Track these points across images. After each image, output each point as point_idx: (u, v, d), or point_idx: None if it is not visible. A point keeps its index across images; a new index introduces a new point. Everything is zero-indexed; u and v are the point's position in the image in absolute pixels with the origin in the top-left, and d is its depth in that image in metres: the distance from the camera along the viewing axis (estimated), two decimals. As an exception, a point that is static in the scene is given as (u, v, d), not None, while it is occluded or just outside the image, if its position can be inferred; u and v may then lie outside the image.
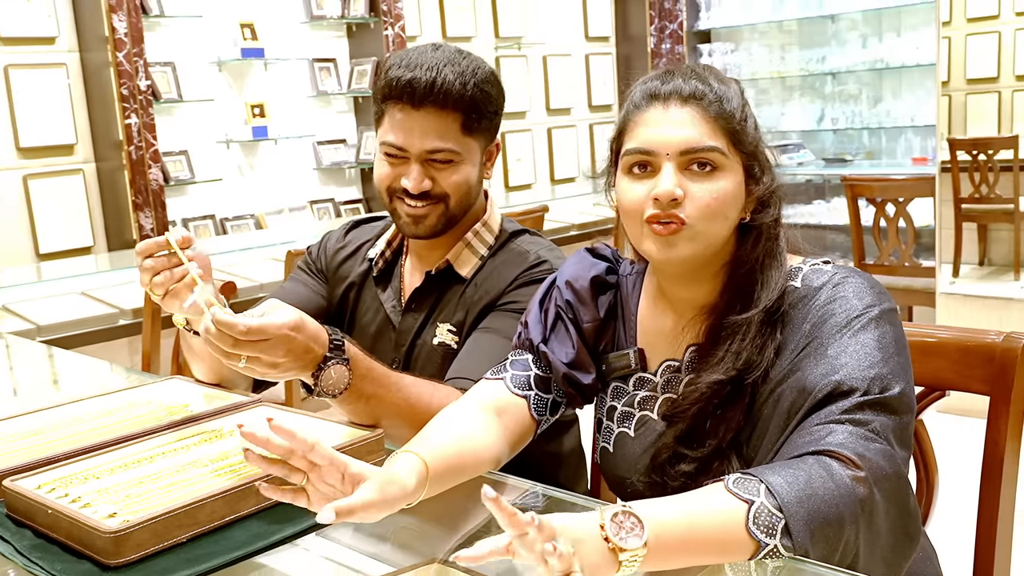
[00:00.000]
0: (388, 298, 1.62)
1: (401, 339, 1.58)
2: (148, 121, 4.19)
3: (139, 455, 1.22)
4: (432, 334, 1.55)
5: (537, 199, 5.69)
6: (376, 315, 1.62)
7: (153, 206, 4.23)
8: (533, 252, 1.55)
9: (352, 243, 1.70)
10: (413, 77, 1.43)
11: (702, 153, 1.11)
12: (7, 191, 4.04)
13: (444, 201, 1.49)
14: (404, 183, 1.47)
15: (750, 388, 1.13)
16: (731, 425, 1.13)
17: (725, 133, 1.12)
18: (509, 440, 1.24)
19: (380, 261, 1.64)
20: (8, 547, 1.05)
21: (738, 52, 5.88)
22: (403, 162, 1.48)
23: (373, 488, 0.95)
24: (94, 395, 1.51)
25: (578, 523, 0.89)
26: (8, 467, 1.19)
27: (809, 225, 5.32)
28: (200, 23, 4.54)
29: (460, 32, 5.61)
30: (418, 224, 1.50)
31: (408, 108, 1.45)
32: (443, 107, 1.44)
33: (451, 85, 1.43)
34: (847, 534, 0.95)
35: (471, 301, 1.53)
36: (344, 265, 1.68)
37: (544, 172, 6.24)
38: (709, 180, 1.12)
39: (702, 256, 1.15)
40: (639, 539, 0.88)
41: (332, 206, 5.15)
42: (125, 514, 1.03)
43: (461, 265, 1.56)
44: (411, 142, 1.46)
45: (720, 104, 1.13)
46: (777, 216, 1.18)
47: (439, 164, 1.47)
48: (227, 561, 1.00)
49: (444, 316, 1.55)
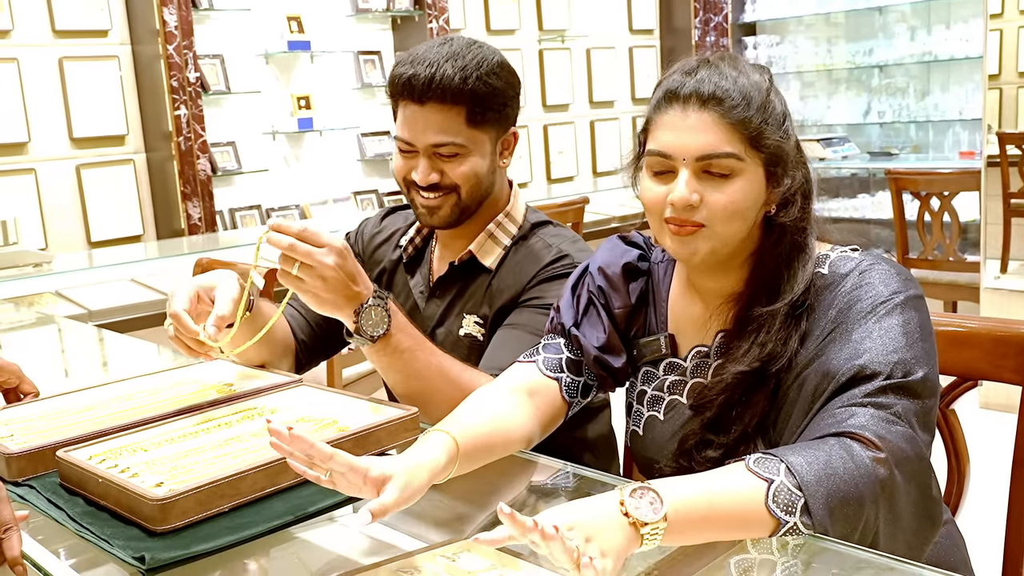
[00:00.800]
0: (417, 284, 1.67)
1: (424, 325, 1.61)
2: (197, 112, 4.28)
3: (184, 430, 1.27)
4: (458, 324, 1.59)
5: (579, 191, 5.70)
6: (406, 300, 1.67)
7: (201, 196, 4.32)
8: (555, 246, 1.57)
9: (387, 229, 1.76)
10: (413, 74, 1.47)
11: (718, 159, 1.12)
12: (61, 180, 4.15)
13: (455, 191, 1.53)
14: (413, 175, 1.52)
15: (775, 376, 1.14)
16: (756, 412, 1.15)
17: (743, 137, 1.12)
18: (540, 421, 1.27)
19: (410, 247, 1.69)
20: (61, 514, 1.10)
21: (783, 45, 5.83)
22: (413, 155, 1.53)
23: (398, 487, 0.98)
24: (142, 374, 1.57)
25: (598, 502, 0.92)
26: (62, 439, 1.24)
27: (853, 219, 5.27)
28: (248, 16, 4.62)
29: (504, 25, 5.64)
30: (432, 215, 1.55)
31: (412, 104, 1.49)
32: (444, 101, 1.47)
33: (450, 80, 1.46)
34: (867, 514, 0.97)
35: (494, 294, 1.56)
36: (379, 251, 1.74)
37: (587, 165, 6.25)
38: (726, 184, 1.13)
39: (721, 252, 1.17)
40: (659, 512, 0.91)
41: (375, 197, 5.21)
42: (171, 484, 1.08)
43: (484, 256, 1.59)
44: (417, 137, 1.50)
45: (740, 108, 1.12)
46: (806, 209, 1.18)
47: (445, 157, 1.51)
48: (267, 530, 1.04)
49: (470, 307, 1.59)
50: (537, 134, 5.93)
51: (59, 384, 1.68)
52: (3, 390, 1.45)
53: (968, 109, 5.07)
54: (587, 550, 0.86)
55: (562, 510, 0.91)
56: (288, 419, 1.30)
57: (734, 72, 1.15)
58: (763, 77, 1.17)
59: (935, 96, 5.31)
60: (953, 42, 5.10)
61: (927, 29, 5.28)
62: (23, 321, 2.58)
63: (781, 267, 1.17)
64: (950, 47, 5.11)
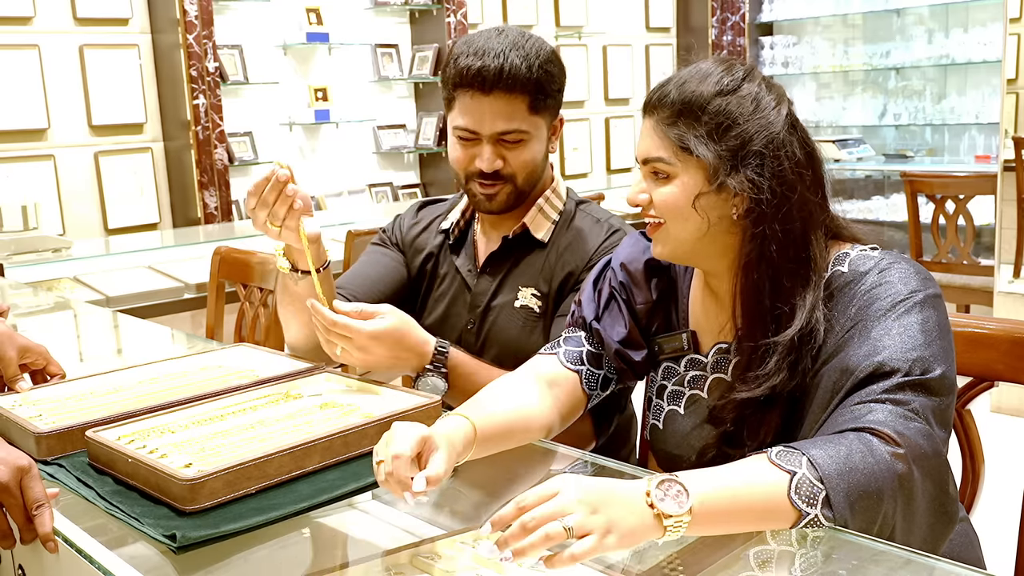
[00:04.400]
0: (464, 263, 1.72)
1: (476, 300, 1.68)
2: (215, 102, 4.30)
3: (211, 413, 1.29)
4: (513, 296, 1.65)
5: (593, 188, 5.71)
6: (453, 280, 1.73)
7: (217, 185, 4.34)
8: (603, 220, 1.66)
9: (424, 219, 1.81)
10: (483, 65, 1.50)
11: (652, 163, 1.21)
12: (79, 167, 4.18)
13: (512, 181, 1.59)
14: (478, 164, 1.57)
15: (789, 392, 1.15)
16: (771, 427, 1.17)
17: (673, 143, 1.18)
18: (560, 411, 1.29)
19: (455, 229, 1.74)
20: (91, 492, 1.12)
21: (800, 45, 5.83)
22: (475, 144, 1.57)
23: (445, 456, 1.03)
24: (168, 359, 1.59)
25: (625, 488, 0.93)
26: (90, 420, 1.26)
27: (867, 220, 5.27)
28: (267, 7, 4.64)
29: (521, 20, 5.65)
30: (491, 201, 1.61)
31: (479, 94, 1.52)
32: (511, 91, 1.51)
33: (518, 69, 1.50)
34: (885, 508, 0.98)
35: (553, 270, 1.63)
36: (419, 238, 1.78)
37: (600, 161, 6.26)
38: (661, 185, 1.20)
39: (690, 251, 1.22)
40: (684, 505, 0.92)
41: (390, 190, 5.23)
42: (200, 465, 1.10)
43: (536, 229, 1.65)
44: (483, 125, 1.54)
45: (674, 115, 1.17)
46: (788, 217, 1.15)
47: (509, 144, 1.56)
48: (293, 511, 1.06)
49: (526, 280, 1.64)
50: (552, 130, 5.94)
51: (79, 367, 1.71)
52: (31, 371, 1.47)
53: (985, 113, 5.06)
54: (591, 523, 0.88)
55: (584, 479, 0.92)
56: (310, 404, 1.32)
57: (689, 81, 1.19)
58: (738, 85, 1.17)
59: (952, 99, 5.29)
60: (971, 45, 5.08)
61: (945, 32, 5.27)
62: (41, 305, 2.60)
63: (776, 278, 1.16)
64: (968, 50, 5.09)
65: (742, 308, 1.19)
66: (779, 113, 1.17)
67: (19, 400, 1.37)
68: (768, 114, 1.16)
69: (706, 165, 1.16)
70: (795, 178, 1.16)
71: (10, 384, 1.42)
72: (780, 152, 1.15)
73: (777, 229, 1.15)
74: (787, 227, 1.15)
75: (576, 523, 0.88)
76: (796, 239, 1.16)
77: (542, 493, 0.90)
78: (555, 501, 0.89)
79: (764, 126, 1.15)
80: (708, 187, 1.16)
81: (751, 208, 1.16)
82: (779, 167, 1.15)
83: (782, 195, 1.15)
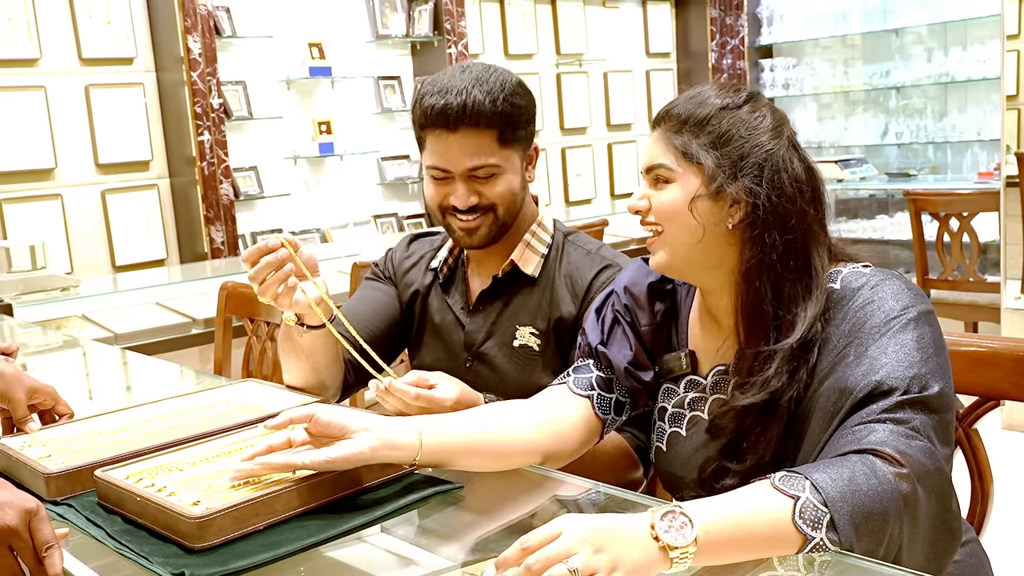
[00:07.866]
0: (455, 302, 1.72)
1: (470, 339, 1.68)
2: (220, 138, 4.34)
3: (218, 450, 1.30)
4: (510, 336, 1.64)
5: (597, 214, 5.73)
6: (445, 317, 1.72)
7: (224, 220, 4.37)
8: (594, 252, 1.65)
9: (415, 254, 1.81)
10: (446, 103, 1.52)
11: (655, 170, 1.24)
12: (86, 205, 4.21)
13: (493, 211, 1.59)
14: (452, 200, 1.57)
15: (786, 404, 1.16)
16: (771, 439, 1.17)
17: (676, 149, 1.22)
18: (566, 437, 1.31)
19: (444, 268, 1.74)
20: (100, 531, 1.13)
21: (800, 67, 5.86)
22: (449, 182, 1.58)
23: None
24: (174, 396, 1.60)
25: (629, 523, 0.93)
26: (99, 459, 1.27)
27: (872, 240, 5.27)
28: (270, 43, 4.69)
29: (522, 49, 5.69)
30: (472, 235, 1.60)
31: (445, 132, 1.54)
32: (477, 126, 1.53)
33: (481, 105, 1.51)
34: (891, 529, 0.98)
35: (550, 307, 1.62)
36: (409, 273, 1.79)
37: (604, 187, 6.28)
38: (661, 190, 1.23)
39: (686, 258, 1.22)
40: (689, 537, 0.92)
41: (395, 220, 5.25)
42: (208, 502, 1.10)
43: (525, 264, 1.65)
44: (452, 163, 1.55)
45: (680, 124, 1.22)
46: (787, 229, 1.17)
47: (482, 179, 1.57)
48: (301, 547, 1.07)
49: (523, 319, 1.64)
50: (555, 157, 5.98)
51: (88, 406, 1.72)
52: (39, 411, 1.48)
53: (986, 130, 5.08)
54: (595, 562, 0.88)
55: (587, 517, 0.93)
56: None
57: (696, 97, 1.24)
58: (738, 102, 1.23)
59: (953, 117, 5.32)
60: (970, 63, 5.11)
61: (944, 50, 5.29)
62: (50, 344, 2.62)
63: (778, 286, 1.18)
64: (967, 68, 5.12)
65: (743, 316, 1.21)
66: (780, 134, 1.21)
67: (28, 441, 1.38)
68: (769, 132, 1.21)
69: (705, 171, 1.19)
70: (794, 192, 1.19)
71: (19, 425, 1.43)
72: (779, 167, 1.19)
73: (777, 239, 1.17)
74: (787, 238, 1.17)
75: (581, 564, 0.87)
76: (796, 250, 1.18)
77: (545, 534, 0.90)
78: (559, 542, 0.89)
79: (764, 142, 1.20)
80: (705, 191, 1.19)
81: (748, 218, 1.18)
82: (778, 180, 1.18)
83: (780, 207, 1.17)
